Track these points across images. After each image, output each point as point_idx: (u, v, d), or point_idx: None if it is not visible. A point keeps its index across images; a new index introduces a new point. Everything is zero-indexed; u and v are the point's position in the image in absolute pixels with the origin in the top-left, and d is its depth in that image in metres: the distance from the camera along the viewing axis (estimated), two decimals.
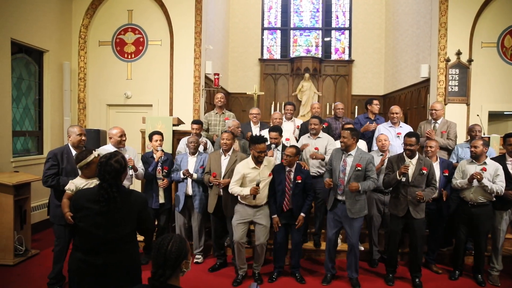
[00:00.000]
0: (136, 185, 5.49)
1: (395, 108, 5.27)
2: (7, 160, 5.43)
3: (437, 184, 4.41)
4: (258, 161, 4.11)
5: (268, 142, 4.53)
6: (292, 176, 4.16)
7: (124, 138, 4.42)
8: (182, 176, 4.57)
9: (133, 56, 7.29)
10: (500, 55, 6.92)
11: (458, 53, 6.78)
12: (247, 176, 4.11)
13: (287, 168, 4.18)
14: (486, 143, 4.35)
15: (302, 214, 4.16)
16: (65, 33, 6.99)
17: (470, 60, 6.79)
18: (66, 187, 3.37)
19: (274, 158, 4.59)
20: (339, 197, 4.10)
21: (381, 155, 4.67)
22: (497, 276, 4.38)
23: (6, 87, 5.48)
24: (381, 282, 4.33)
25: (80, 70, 7.18)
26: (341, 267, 4.56)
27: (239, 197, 4.19)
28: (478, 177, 4.04)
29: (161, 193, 4.69)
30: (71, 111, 7.00)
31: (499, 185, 4.11)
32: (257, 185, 3.97)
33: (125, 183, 4.54)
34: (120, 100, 7.26)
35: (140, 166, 4.56)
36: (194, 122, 5.21)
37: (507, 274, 4.52)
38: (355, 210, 4.03)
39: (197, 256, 4.79)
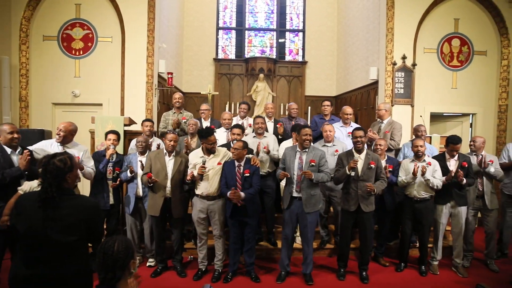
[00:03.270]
0: (85, 186, 5.26)
1: (348, 109, 5.48)
2: None
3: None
4: (210, 152, 4.23)
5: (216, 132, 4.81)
6: (241, 170, 4.20)
7: (61, 133, 4.14)
8: (129, 174, 4.43)
9: (81, 52, 6.95)
10: (439, 60, 7.42)
11: (404, 57, 7.17)
12: (197, 164, 4.23)
13: (237, 163, 4.22)
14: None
15: (241, 192, 4.08)
16: (3, 25, 6.51)
17: (414, 64, 7.21)
18: (19, 188, 3.20)
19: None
20: (295, 194, 4.21)
21: (324, 145, 4.91)
22: (437, 266, 4.73)
23: None
24: (333, 277, 4.49)
25: (22, 66, 6.73)
26: (295, 264, 4.67)
27: (196, 188, 4.31)
28: (424, 170, 4.35)
29: (111, 194, 4.51)
30: (11, 109, 6.54)
31: (438, 180, 4.47)
32: (203, 163, 4.14)
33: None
34: (67, 99, 6.90)
35: (91, 165, 4.36)
36: (145, 120, 5.20)
37: (443, 263, 4.85)
38: (310, 204, 4.16)
39: (150, 260, 4.68)
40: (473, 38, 7.43)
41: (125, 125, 5.36)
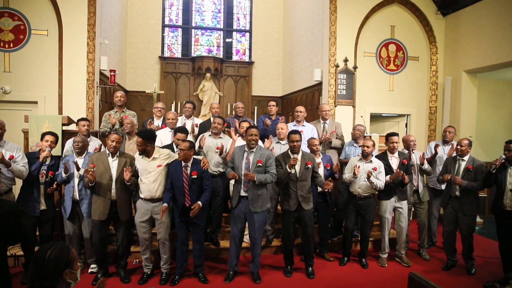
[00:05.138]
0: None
1: (300, 108, 5.67)
2: None
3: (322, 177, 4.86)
4: (141, 152, 4.14)
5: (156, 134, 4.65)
6: (188, 171, 4.14)
7: None
8: (64, 175, 4.15)
9: (12, 45, 6.41)
10: (378, 64, 7.88)
11: (346, 60, 7.50)
12: (137, 166, 4.21)
13: (183, 164, 4.15)
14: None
15: (199, 202, 4.05)
16: None
17: (355, 67, 7.58)
18: None
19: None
20: (243, 193, 4.25)
21: (278, 142, 5.02)
22: (385, 258, 5.01)
23: None
24: (280, 274, 4.58)
25: None
26: (243, 263, 4.70)
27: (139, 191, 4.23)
28: (369, 174, 4.57)
29: (42, 199, 4.22)
30: None
31: (381, 181, 4.71)
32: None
33: (6, 182, 4.02)
34: None
35: (23, 163, 4.10)
36: (81, 119, 4.90)
37: (377, 256, 5.13)
38: (258, 204, 4.21)
39: (91, 266, 4.45)
40: (407, 44, 7.99)
41: (63, 124, 5.05)
